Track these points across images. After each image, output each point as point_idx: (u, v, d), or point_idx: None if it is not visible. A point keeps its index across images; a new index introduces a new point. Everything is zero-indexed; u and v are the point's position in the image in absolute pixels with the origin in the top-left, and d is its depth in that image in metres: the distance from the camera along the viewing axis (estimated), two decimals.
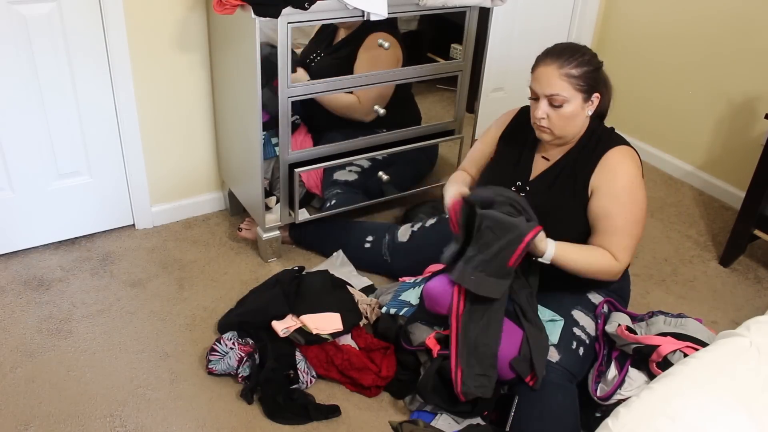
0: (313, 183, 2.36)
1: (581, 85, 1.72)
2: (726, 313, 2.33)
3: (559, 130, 1.78)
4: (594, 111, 1.81)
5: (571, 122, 1.77)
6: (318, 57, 2.25)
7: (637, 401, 1.29)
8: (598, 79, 1.77)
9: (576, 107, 1.75)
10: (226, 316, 2.08)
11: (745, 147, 2.84)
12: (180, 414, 1.83)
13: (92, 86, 2.25)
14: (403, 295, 2.04)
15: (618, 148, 1.80)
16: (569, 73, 1.71)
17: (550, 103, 1.74)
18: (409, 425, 1.78)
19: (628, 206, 1.76)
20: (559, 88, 1.72)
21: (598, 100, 1.79)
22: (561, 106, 1.74)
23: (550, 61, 1.73)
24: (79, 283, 2.27)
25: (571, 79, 1.71)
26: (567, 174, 1.84)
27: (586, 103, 1.77)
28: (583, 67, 1.72)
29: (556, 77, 1.71)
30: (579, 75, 1.71)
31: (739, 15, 2.77)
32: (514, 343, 1.74)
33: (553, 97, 1.73)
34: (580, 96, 1.74)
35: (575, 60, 1.72)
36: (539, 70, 1.75)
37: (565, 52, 1.73)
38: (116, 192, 2.48)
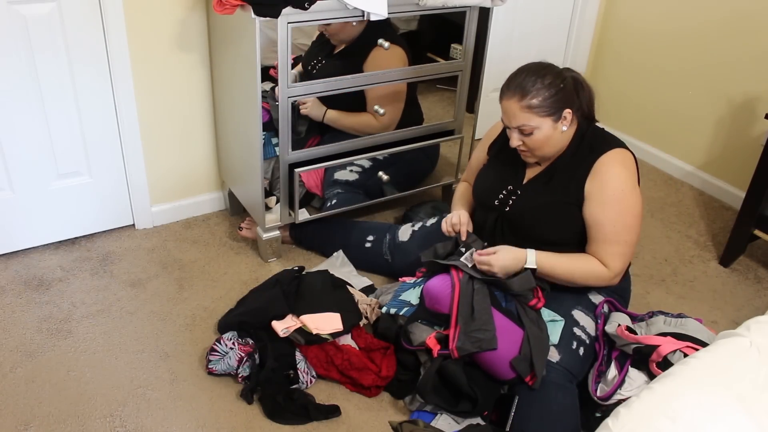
0: (313, 183, 2.36)
1: (545, 110, 1.74)
2: (726, 313, 2.33)
3: (538, 151, 1.81)
4: (570, 124, 1.80)
5: (548, 143, 1.79)
6: (319, 64, 2.25)
7: (637, 401, 1.29)
8: (564, 98, 1.76)
9: (547, 130, 1.77)
10: (226, 316, 2.08)
11: (745, 147, 2.84)
12: (180, 414, 1.83)
13: (92, 86, 2.25)
14: (403, 295, 2.04)
15: (611, 153, 1.79)
16: (530, 104, 1.73)
17: (521, 132, 1.78)
18: (409, 425, 1.78)
19: (618, 213, 1.77)
20: (524, 120, 1.75)
21: (571, 114, 1.78)
22: (531, 133, 1.77)
23: (511, 95, 1.76)
24: (79, 283, 2.27)
25: (534, 109, 1.73)
26: (561, 177, 1.84)
27: (557, 123, 1.77)
28: (543, 94, 1.73)
29: (519, 110, 1.75)
30: (540, 104, 1.73)
31: (740, 15, 2.77)
32: (514, 343, 1.74)
33: (521, 128, 1.77)
34: (548, 119, 1.76)
35: (534, 89, 1.73)
36: (503, 104, 1.79)
37: (524, 83, 1.74)
38: (116, 192, 2.48)
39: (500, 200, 1.93)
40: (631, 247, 1.81)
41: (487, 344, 1.72)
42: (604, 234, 1.78)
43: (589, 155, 1.81)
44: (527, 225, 1.87)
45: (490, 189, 1.97)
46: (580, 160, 1.81)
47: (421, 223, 2.28)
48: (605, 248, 1.79)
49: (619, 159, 1.79)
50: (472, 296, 1.81)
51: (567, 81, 1.77)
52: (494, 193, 1.95)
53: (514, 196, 1.90)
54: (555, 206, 1.84)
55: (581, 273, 1.81)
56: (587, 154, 1.81)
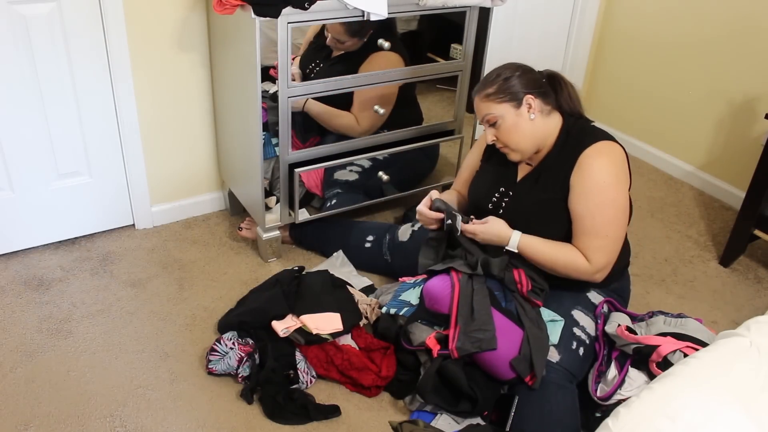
0: (313, 183, 2.36)
1: (501, 97, 1.80)
2: (726, 313, 2.33)
3: (512, 144, 1.83)
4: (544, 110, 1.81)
5: (518, 133, 1.81)
6: (317, 67, 2.25)
7: (637, 401, 1.29)
8: (523, 83, 1.80)
9: (511, 118, 1.80)
10: (226, 316, 2.08)
11: (745, 147, 2.84)
12: (180, 414, 1.83)
13: (92, 86, 2.25)
14: (403, 295, 2.04)
15: (596, 145, 1.77)
16: (486, 93, 1.82)
17: (489, 124, 1.84)
18: (409, 425, 1.78)
19: (597, 206, 1.74)
20: (486, 110, 1.83)
21: (534, 99, 1.79)
22: (496, 122, 1.82)
23: (475, 95, 1.87)
24: (79, 283, 2.27)
25: (490, 97, 1.81)
26: (548, 173, 1.84)
27: (520, 109, 1.79)
28: (498, 82, 1.81)
29: (480, 102, 1.84)
30: (494, 90, 1.81)
31: (739, 15, 2.77)
32: (514, 343, 1.74)
33: (486, 119, 1.83)
34: (508, 106, 1.79)
35: (489, 82, 1.83)
36: (475, 107, 1.88)
37: (482, 81, 1.86)
38: (116, 192, 2.48)
39: (494, 203, 1.94)
40: (613, 241, 1.77)
41: (487, 344, 1.72)
42: (584, 226, 1.76)
43: (574, 149, 1.79)
44: (521, 225, 1.86)
45: (484, 192, 1.98)
46: (567, 155, 1.80)
47: (420, 223, 2.28)
48: (586, 241, 1.77)
49: (605, 151, 1.77)
50: (472, 296, 1.81)
51: (529, 71, 1.84)
52: (488, 196, 1.96)
53: (506, 198, 1.91)
54: (545, 204, 1.84)
55: (563, 263, 1.79)
56: (573, 149, 1.80)
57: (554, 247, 1.81)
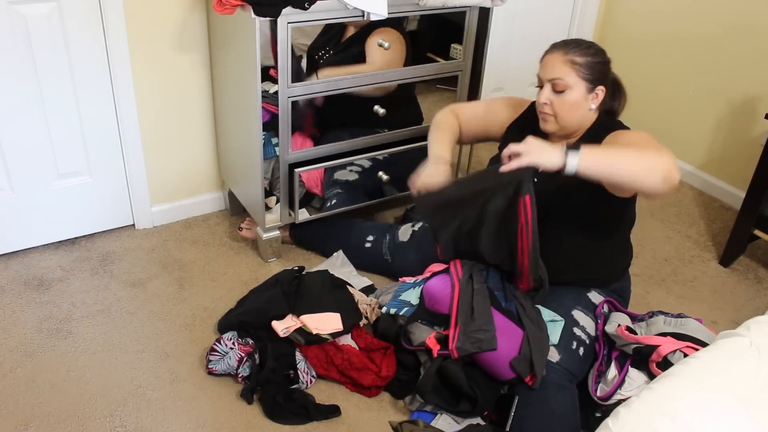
0: (314, 183, 2.36)
1: (584, 72, 1.75)
2: (726, 313, 2.33)
3: (560, 117, 1.80)
4: (599, 106, 1.81)
5: (573, 111, 1.79)
6: (327, 54, 2.24)
7: (637, 401, 1.29)
8: (604, 72, 1.79)
9: (578, 96, 1.77)
10: (226, 316, 2.08)
11: (745, 147, 2.84)
12: (180, 414, 1.83)
13: (92, 86, 2.25)
14: (403, 295, 2.04)
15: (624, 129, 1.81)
16: (573, 59, 1.75)
17: (554, 88, 1.78)
18: (409, 425, 1.78)
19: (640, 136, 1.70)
20: (561, 73, 1.75)
21: (603, 93, 1.80)
22: (563, 91, 1.76)
23: (557, 49, 1.79)
24: (79, 283, 2.27)
25: (574, 65, 1.75)
26: None
27: (589, 94, 1.78)
28: (588, 57, 1.76)
29: (560, 62, 1.76)
30: (582, 63, 1.75)
31: (739, 15, 2.77)
32: (514, 344, 1.74)
33: (555, 82, 1.76)
34: (583, 84, 1.76)
35: (581, 49, 1.76)
36: (545, 57, 1.81)
37: (572, 42, 1.79)
38: (116, 192, 2.48)
39: None
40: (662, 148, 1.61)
41: (487, 344, 1.72)
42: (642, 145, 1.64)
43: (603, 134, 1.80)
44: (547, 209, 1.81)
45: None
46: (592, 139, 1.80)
47: (421, 222, 2.28)
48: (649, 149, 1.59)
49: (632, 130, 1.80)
50: (472, 296, 1.81)
51: (610, 66, 1.81)
52: None
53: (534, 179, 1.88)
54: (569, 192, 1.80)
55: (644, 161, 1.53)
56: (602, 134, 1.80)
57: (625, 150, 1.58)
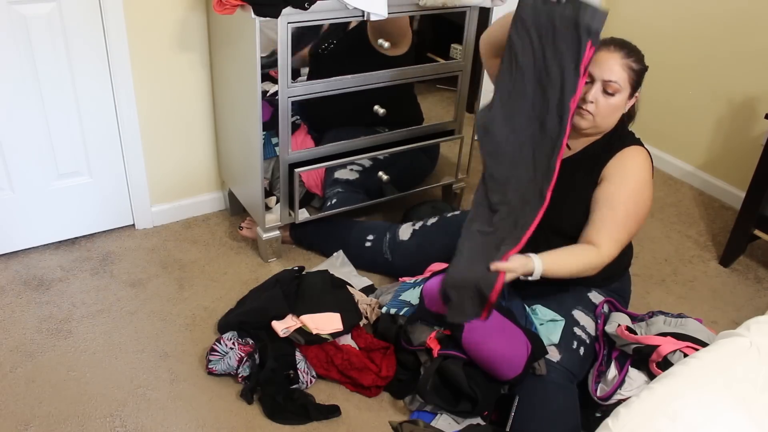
0: (314, 183, 2.36)
1: (634, 79, 1.76)
2: (726, 313, 2.33)
3: (600, 117, 1.78)
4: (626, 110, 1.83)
5: (613, 114, 1.80)
6: (331, 45, 2.22)
7: (637, 401, 1.29)
8: (641, 79, 1.80)
9: (622, 100, 1.78)
10: (226, 316, 2.08)
11: (745, 147, 2.84)
12: (180, 414, 1.83)
13: (92, 86, 2.25)
14: (403, 295, 2.04)
15: (636, 147, 1.83)
16: (630, 65, 1.75)
17: (605, 88, 1.75)
18: (409, 425, 1.78)
19: (633, 199, 1.76)
20: (618, 77, 1.74)
21: (636, 100, 1.82)
22: (613, 94, 1.76)
23: (615, 49, 1.75)
24: (79, 283, 2.27)
25: (631, 71, 1.75)
26: (587, 165, 1.84)
27: (629, 100, 1.80)
28: (641, 64, 1.77)
29: (620, 65, 1.74)
30: (637, 70, 1.76)
31: (739, 15, 2.77)
32: (514, 343, 1.73)
33: (609, 84, 1.74)
34: (629, 90, 1.77)
35: (635, 55, 1.77)
36: (603, 55, 1.75)
37: (627, 45, 1.78)
38: (116, 192, 2.48)
39: None
40: (628, 237, 1.78)
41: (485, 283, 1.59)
42: (613, 214, 1.74)
43: (615, 146, 1.82)
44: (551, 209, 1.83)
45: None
46: (608, 150, 1.83)
47: (421, 222, 2.28)
48: (609, 231, 1.73)
49: (644, 154, 1.83)
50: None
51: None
52: None
53: None
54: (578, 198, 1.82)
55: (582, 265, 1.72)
56: (614, 145, 1.83)
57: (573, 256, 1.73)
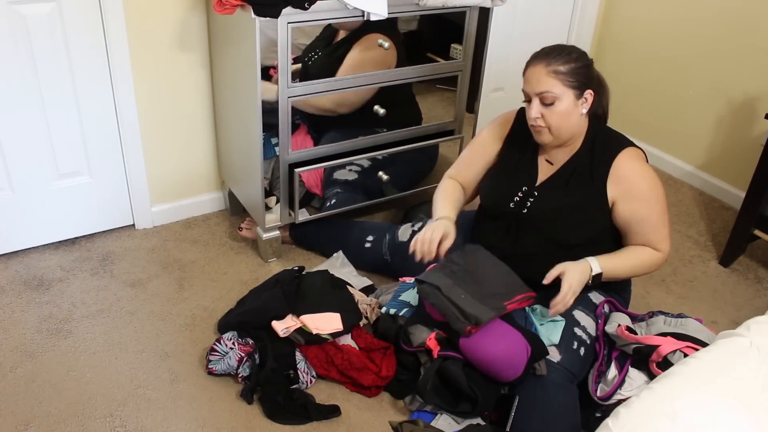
0: (313, 183, 2.36)
1: (570, 80, 1.74)
2: (726, 313, 2.33)
3: (554, 129, 1.79)
4: (589, 110, 1.81)
5: (566, 120, 1.78)
6: (315, 56, 2.25)
7: (637, 401, 1.29)
8: (589, 75, 1.78)
9: (568, 104, 1.76)
10: (225, 316, 2.08)
11: (745, 147, 2.84)
12: (180, 414, 1.83)
13: (92, 86, 2.25)
14: (402, 295, 2.04)
15: (625, 153, 1.83)
16: (557, 69, 1.73)
17: (542, 101, 1.76)
18: (409, 425, 1.78)
19: (656, 202, 1.82)
20: (548, 86, 1.74)
21: (592, 97, 1.79)
22: (552, 103, 1.75)
23: (538, 62, 1.76)
24: (79, 283, 2.27)
25: (559, 75, 1.73)
26: (579, 178, 1.85)
27: (578, 101, 1.77)
28: (570, 64, 1.74)
29: (544, 75, 1.74)
30: (567, 71, 1.74)
31: (739, 15, 2.77)
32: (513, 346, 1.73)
33: (543, 95, 1.75)
34: (571, 92, 1.75)
35: (562, 57, 1.74)
36: (528, 71, 1.78)
37: (552, 52, 1.76)
38: (116, 192, 2.48)
39: (516, 203, 1.91)
40: (669, 226, 1.88)
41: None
42: (653, 224, 1.82)
43: (603, 155, 1.83)
44: (548, 227, 1.87)
45: (504, 191, 1.93)
46: (597, 161, 1.83)
47: (421, 223, 2.28)
48: (656, 235, 1.84)
49: (636, 155, 1.84)
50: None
51: (593, 66, 1.81)
52: (509, 196, 1.92)
53: (531, 198, 1.89)
54: (577, 208, 1.84)
55: (642, 266, 1.86)
56: (602, 154, 1.83)
57: (630, 257, 1.86)
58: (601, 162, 1.82)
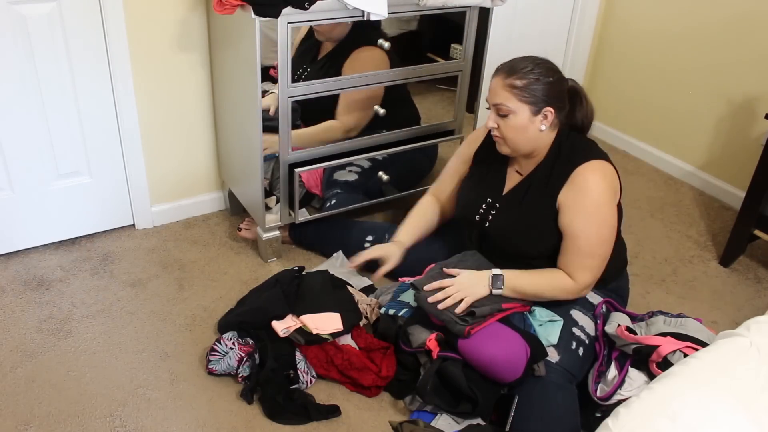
0: (313, 183, 2.36)
1: (525, 96, 1.72)
2: (726, 313, 2.33)
3: (510, 141, 1.79)
4: (552, 125, 1.78)
5: (521, 134, 1.77)
6: (305, 72, 2.23)
7: (637, 401, 1.29)
8: (550, 92, 1.74)
9: (523, 119, 1.74)
10: (226, 316, 2.08)
11: (745, 147, 2.84)
12: (180, 414, 1.83)
13: (92, 86, 2.25)
14: (402, 295, 2.04)
15: (590, 164, 1.76)
16: (512, 83, 1.72)
17: (498, 112, 1.77)
18: (409, 425, 1.78)
19: (593, 225, 1.75)
20: (502, 99, 1.74)
21: (552, 115, 1.75)
22: (507, 116, 1.75)
23: (499, 73, 1.77)
24: (79, 283, 2.27)
25: (514, 90, 1.72)
26: (537, 188, 1.83)
27: (536, 116, 1.75)
28: (529, 79, 1.72)
29: (500, 87, 1.74)
30: (522, 86, 1.72)
31: (739, 15, 2.77)
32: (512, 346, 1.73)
33: (498, 107, 1.76)
34: (527, 108, 1.73)
35: (521, 72, 1.72)
36: (491, 81, 1.79)
37: (515, 65, 1.75)
38: (116, 192, 2.48)
39: (480, 215, 1.93)
40: (602, 260, 1.79)
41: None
42: (577, 246, 1.76)
43: (564, 167, 1.78)
44: (504, 242, 1.88)
45: (472, 201, 1.96)
46: (556, 172, 1.79)
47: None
48: (576, 261, 1.77)
49: (600, 169, 1.76)
50: None
51: (561, 82, 1.77)
52: (475, 207, 1.95)
53: (493, 210, 1.91)
54: (530, 222, 1.83)
55: (550, 291, 1.80)
56: (563, 166, 1.78)
57: (538, 278, 1.81)
58: (560, 173, 1.78)
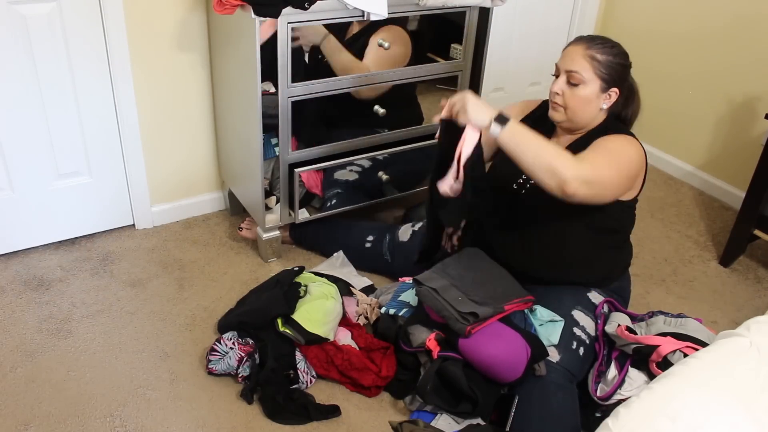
0: (313, 183, 2.36)
1: (602, 71, 1.76)
2: (726, 313, 2.33)
3: (570, 110, 1.81)
4: (610, 107, 1.82)
5: (583, 106, 1.79)
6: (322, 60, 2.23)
7: (637, 401, 1.29)
8: (622, 75, 1.80)
9: (591, 92, 1.77)
10: (226, 316, 2.08)
11: (745, 147, 2.84)
12: (180, 414, 1.83)
13: (92, 86, 2.26)
14: (402, 295, 2.04)
15: (620, 134, 1.81)
16: (593, 55, 1.76)
17: (568, 80, 1.78)
18: (409, 425, 1.78)
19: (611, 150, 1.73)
20: (579, 66, 1.76)
21: (617, 96, 1.81)
22: (577, 85, 1.77)
23: (580, 42, 1.80)
24: (79, 283, 2.27)
25: (594, 61, 1.76)
26: None
27: (603, 94, 1.79)
28: (608, 56, 1.77)
29: (580, 55, 1.77)
30: (602, 60, 1.76)
31: (739, 15, 2.77)
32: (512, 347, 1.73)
33: (572, 74, 1.77)
34: (598, 82, 1.77)
35: (603, 47, 1.77)
36: (567, 48, 1.82)
37: (597, 38, 1.80)
38: (116, 192, 2.48)
39: (519, 184, 1.93)
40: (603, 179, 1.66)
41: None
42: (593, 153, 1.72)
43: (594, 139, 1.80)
44: (539, 215, 1.86)
45: (511, 171, 1.91)
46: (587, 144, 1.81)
47: (421, 223, 2.28)
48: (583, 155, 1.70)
49: (628, 138, 1.81)
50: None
51: (630, 70, 1.83)
52: (515, 176, 1.94)
53: (531, 182, 1.90)
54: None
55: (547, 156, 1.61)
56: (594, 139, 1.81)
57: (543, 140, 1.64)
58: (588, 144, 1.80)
